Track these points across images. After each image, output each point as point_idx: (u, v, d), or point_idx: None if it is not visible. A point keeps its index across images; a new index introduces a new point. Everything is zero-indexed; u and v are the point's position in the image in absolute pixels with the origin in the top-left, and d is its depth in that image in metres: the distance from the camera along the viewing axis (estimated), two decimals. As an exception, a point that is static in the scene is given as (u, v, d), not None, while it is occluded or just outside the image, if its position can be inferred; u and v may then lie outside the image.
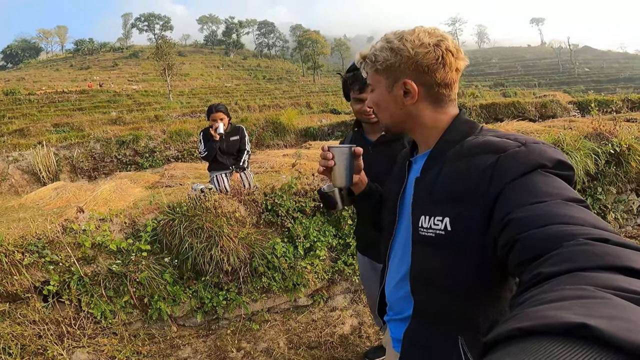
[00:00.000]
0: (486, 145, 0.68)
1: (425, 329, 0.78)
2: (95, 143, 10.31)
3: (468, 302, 0.71)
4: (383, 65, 0.77)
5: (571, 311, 0.28)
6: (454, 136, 0.76)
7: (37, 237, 2.38)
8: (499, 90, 41.70)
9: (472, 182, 0.65)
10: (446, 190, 0.70)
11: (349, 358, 2.12)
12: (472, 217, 0.64)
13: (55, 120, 19.04)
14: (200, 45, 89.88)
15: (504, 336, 0.29)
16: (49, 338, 2.08)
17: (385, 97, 0.80)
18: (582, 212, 0.51)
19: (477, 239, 0.64)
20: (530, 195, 0.56)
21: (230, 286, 2.54)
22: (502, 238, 0.56)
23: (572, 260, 0.41)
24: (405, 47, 0.74)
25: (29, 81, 39.14)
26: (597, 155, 3.29)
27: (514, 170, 0.60)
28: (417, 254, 0.77)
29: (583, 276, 0.37)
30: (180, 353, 2.26)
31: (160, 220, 2.56)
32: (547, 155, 0.61)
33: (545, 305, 0.32)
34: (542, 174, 0.59)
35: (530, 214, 0.53)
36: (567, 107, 10.62)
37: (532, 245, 0.49)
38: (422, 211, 0.74)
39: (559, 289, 0.35)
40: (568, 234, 0.46)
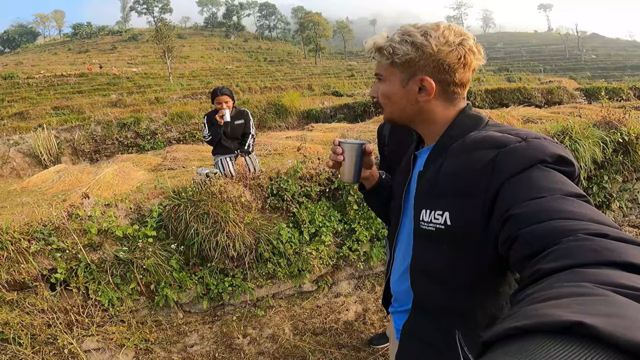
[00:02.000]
0: (487, 140, 0.67)
1: (423, 321, 0.79)
2: (96, 125, 10.24)
3: (466, 297, 0.72)
4: (402, 59, 0.74)
5: (569, 309, 0.28)
6: (457, 131, 0.76)
7: (43, 224, 2.37)
8: (503, 75, 41.13)
9: (472, 177, 0.65)
10: (447, 184, 0.70)
11: (353, 344, 2.14)
12: (472, 212, 0.64)
13: (55, 103, 18.89)
14: (201, 28, 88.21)
15: (501, 335, 0.28)
16: (59, 327, 2.09)
17: (398, 91, 0.78)
18: (581, 207, 0.51)
19: (477, 234, 0.64)
20: (530, 191, 0.56)
21: (235, 272, 2.55)
22: (503, 234, 0.56)
23: (571, 256, 0.41)
24: (429, 44, 0.72)
25: (27, 65, 38.68)
26: (605, 144, 3.26)
27: (514, 165, 0.60)
28: (417, 247, 0.77)
29: (582, 272, 0.37)
30: (187, 340, 2.29)
31: (165, 205, 2.55)
32: (548, 150, 0.61)
33: (543, 303, 0.31)
34: (542, 169, 0.59)
35: (530, 210, 0.53)
36: (574, 94, 10.47)
37: (532, 241, 0.49)
38: (424, 205, 0.74)
39: (557, 286, 0.35)
40: (567, 230, 0.46)
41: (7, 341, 2.00)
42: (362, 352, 2.08)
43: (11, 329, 2.00)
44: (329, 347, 2.14)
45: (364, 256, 2.79)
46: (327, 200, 2.80)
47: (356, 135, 6.53)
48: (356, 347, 2.12)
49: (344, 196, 2.77)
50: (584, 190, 3.35)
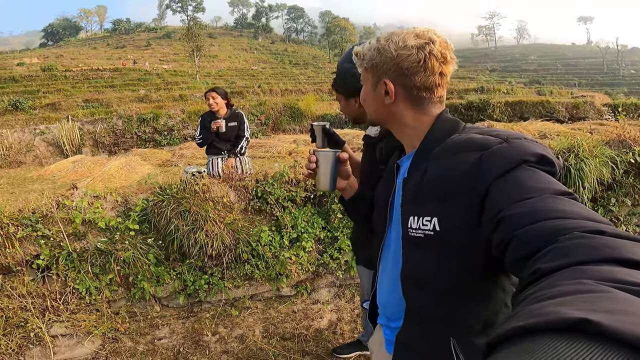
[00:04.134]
0: (468, 142, 0.68)
1: (417, 330, 0.78)
2: (117, 119, 10.66)
3: (459, 303, 0.71)
4: (369, 64, 0.79)
5: (573, 306, 0.28)
6: (437, 135, 0.75)
7: (32, 211, 2.47)
8: (534, 88, 39.78)
9: (457, 181, 0.65)
10: (432, 189, 0.70)
11: (318, 353, 2.10)
12: (461, 216, 0.64)
13: (87, 96, 19.78)
14: (230, 28, 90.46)
15: (506, 335, 0.28)
16: (32, 311, 2.16)
17: (370, 94, 0.82)
18: (573, 205, 0.51)
19: (467, 237, 0.64)
20: (519, 192, 0.56)
21: (214, 270, 2.56)
22: (497, 236, 0.56)
23: (570, 254, 0.40)
24: (388, 48, 0.74)
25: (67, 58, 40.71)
26: (615, 164, 3.06)
27: (499, 166, 0.60)
28: (407, 255, 0.76)
29: (583, 270, 0.36)
30: (157, 332, 2.31)
31: (150, 200, 2.60)
32: (530, 149, 0.61)
33: (547, 302, 0.31)
34: (527, 169, 0.59)
35: (523, 211, 0.53)
36: (601, 110, 9.96)
37: (528, 241, 0.49)
38: (411, 212, 0.74)
39: (559, 285, 0.35)
40: (563, 228, 0.46)
41: None
42: (324, 362, 2.03)
43: None
44: (293, 353, 2.11)
45: (345, 265, 2.74)
46: (313, 206, 2.77)
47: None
48: (320, 356, 2.08)
49: (328, 204, 2.74)
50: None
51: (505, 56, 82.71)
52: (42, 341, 2.11)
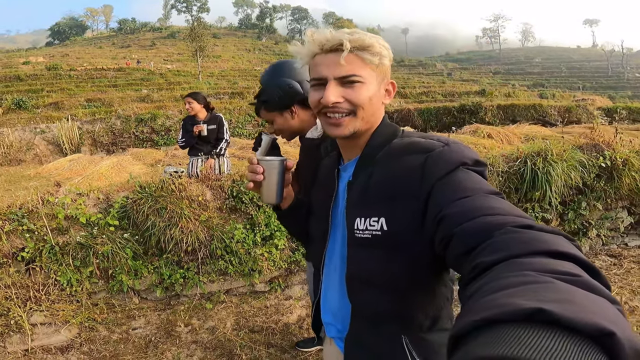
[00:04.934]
0: (414, 145, 0.71)
1: (367, 331, 0.78)
2: (116, 119, 10.85)
3: (408, 300, 0.73)
4: (380, 61, 0.74)
5: (524, 297, 0.30)
6: (379, 140, 0.77)
7: (19, 207, 2.61)
8: (536, 91, 39.59)
9: (404, 181, 0.68)
10: (379, 191, 0.72)
11: (282, 345, 2.21)
12: (407, 215, 0.67)
13: (90, 95, 19.98)
14: (234, 28, 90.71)
15: (468, 328, 0.30)
16: (15, 301, 2.29)
17: (376, 94, 0.76)
18: (502, 203, 0.57)
19: (412, 236, 0.67)
20: (457, 192, 0.60)
21: (190, 265, 2.68)
22: (438, 234, 0.59)
23: (505, 248, 0.44)
24: (388, 51, 0.76)
25: (72, 57, 40.98)
26: (584, 168, 3.14)
27: (441, 168, 0.64)
28: (353, 257, 0.77)
29: (519, 262, 0.40)
30: (133, 323, 2.43)
31: (130, 198, 2.72)
32: (467, 154, 0.67)
33: (498, 294, 0.33)
34: (464, 171, 0.64)
35: (460, 209, 0.57)
36: (595, 114, 9.99)
37: (466, 238, 0.52)
38: (357, 213, 0.75)
39: (503, 277, 0.38)
40: (496, 224, 0.50)
41: None
42: (287, 353, 2.14)
43: None
44: (259, 345, 2.21)
45: (312, 268, 2.85)
46: (288, 204, 2.88)
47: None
48: (283, 348, 2.18)
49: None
50: (559, 216, 3.25)
51: (510, 59, 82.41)
52: (21, 329, 2.24)
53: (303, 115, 1.45)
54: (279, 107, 1.40)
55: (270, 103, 1.40)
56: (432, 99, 20.75)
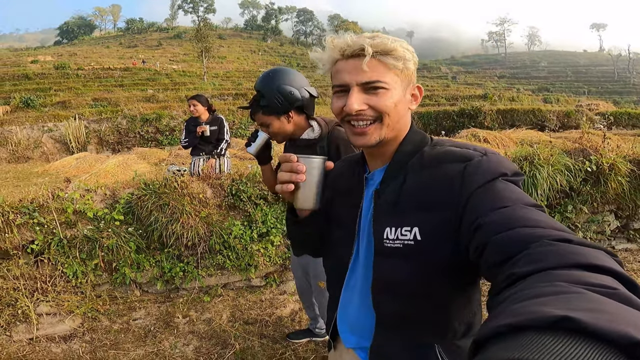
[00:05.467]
0: (450, 154, 0.70)
1: (394, 341, 0.76)
2: (122, 119, 11.07)
3: (443, 308, 0.72)
4: (407, 66, 0.72)
5: (553, 306, 0.30)
6: (410, 147, 0.76)
7: (30, 201, 2.76)
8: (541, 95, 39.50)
9: (441, 190, 0.67)
10: (413, 200, 0.70)
11: (274, 336, 2.34)
12: (443, 224, 0.66)
13: (97, 95, 20.27)
14: (240, 30, 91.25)
15: (493, 333, 0.30)
16: (22, 292, 2.44)
17: (402, 99, 0.74)
18: (541, 216, 0.56)
19: (447, 245, 0.66)
20: (496, 201, 0.60)
21: (189, 259, 2.82)
22: (474, 242, 0.59)
23: (541, 260, 0.44)
24: (413, 54, 0.74)
25: (80, 57, 41.41)
26: (571, 172, 3.25)
27: (481, 177, 0.64)
28: (381, 267, 0.74)
29: (554, 274, 0.39)
30: (133, 314, 2.58)
31: (135, 194, 2.87)
32: (506, 164, 0.67)
33: (527, 302, 0.33)
34: (503, 182, 0.64)
35: (498, 218, 0.57)
36: (593, 119, 10.04)
37: (502, 247, 0.52)
38: (387, 223, 0.72)
39: (535, 286, 0.37)
40: (534, 236, 0.50)
41: None
42: (278, 344, 2.26)
43: None
44: (252, 336, 2.35)
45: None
46: (284, 204, 3.02)
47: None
48: (275, 339, 2.31)
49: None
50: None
51: (515, 62, 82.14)
52: (28, 318, 2.38)
53: (297, 120, 1.56)
54: (278, 111, 1.50)
55: (271, 108, 1.48)
56: (435, 103, 20.83)
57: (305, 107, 1.55)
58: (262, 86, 1.49)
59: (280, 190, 0.76)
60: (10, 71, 25.81)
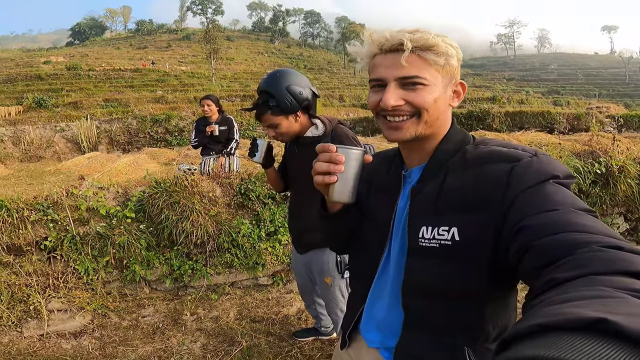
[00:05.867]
0: (496, 154, 0.67)
1: (422, 342, 0.74)
2: (132, 119, 11.25)
3: (476, 311, 0.70)
4: (449, 62, 0.70)
5: (590, 308, 0.29)
6: (451, 146, 0.74)
7: (45, 198, 2.83)
8: (551, 98, 39.10)
9: (485, 191, 0.65)
10: (454, 199, 0.68)
11: (281, 335, 2.36)
12: (484, 225, 0.64)
13: (107, 95, 20.60)
14: (248, 31, 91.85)
15: (524, 332, 0.29)
16: (35, 288, 2.49)
17: (442, 96, 0.71)
18: (593, 221, 0.52)
19: (487, 247, 0.64)
20: (544, 204, 0.57)
21: (198, 258, 2.86)
22: (515, 244, 0.57)
23: (586, 265, 0.42)
24: (457, 48, 0.71)
25: (91, 57, 42.03)
26: (580, 174, 3.23)
27: (529, 179, 0.61)
28: (414, 266, 0.73)
29: (598, 279, 0.37)
30: (142, 311, 2.62)
31: (146, 192, 2.92)
32: (559, 167, 0.63)
33: (564, 304, 0.32)
34: (554, 184, 0.60)
35: (545, 221, 0.54)
36: (604, 121, 9.92)
37: (546, 251, 0.50)
38: (424, 222, 0.71)
39: (575, 290, 0.36)
40: (582, 242, 0.47)
41: None
42: (284, 342, 2.29)
43: None
44: (259, 334, 2.37)
45: (291, 260, 3.01)
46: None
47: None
48: (281, 337, 2.33)
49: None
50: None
51: (525, 65, 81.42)
52: (39, 314, 2.43)
53: (303, 119, 1.60)
54: (288, 111, 1.52)
55: (281, 108, 1.51)
56: (443, 105, 20.69)
57: (310, 107, 1.60)
58: (271, 86, 1.51)
59: (319, 182, 0.74)
60: (23, 71, 26.33)
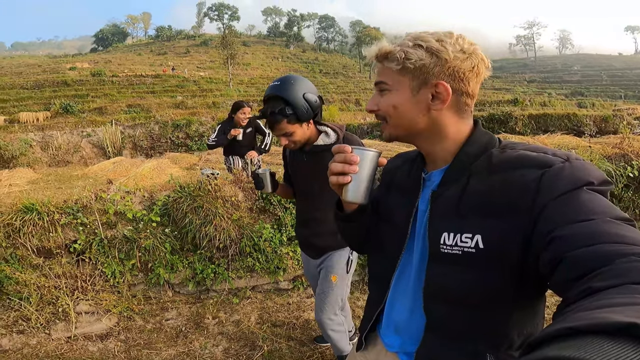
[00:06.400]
0: (525, 159, 0.65)
1: (444, 347, 0.73)
2: (154, 125, 11.56)
3: (501, 319, 0.68)
4: (415, 65, 0.69)
5: (623, 314, 0.28)
6: (475, 148, 0.72)
7: (75, 202, 2.92)
8: (575, 100, 37.90)
9: (513, 197, 0.62)
10: (477, 205, 0.66)
11: (302, 339, 2.35)
12: (511, 232, 0.62)
13: (130, 101, 21.20)
14: (263, 36, 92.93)
15: (552, 335, 0.28)
16: (63, 290, 2.56)
17: (408, 101, 0.72)
18: (632, 232, 0.50)
19: (514, 255, 0.62)
20: (577, 213, 0.55)
21: (220, 261, 2.89)
22: (547, 254, 0.55)
23: (623, 275, 0.40)
24: (445, 49, 0.69)
25: (114, 64, 43.37)
26: (612, 178, 3.12)
27: (561, 186, 0.58)
28: (435, 272, 0.72)
29: (634, 288, 0.36)
30: (166, 314, 2.66)
31: (171, 197, 2.99)
32: (593, 172, 0.60)
33: (596, 310, 0.32)
34: (588, 191, 0.58)
35: (579, 232, 0.52)
36: (632, 123, 9.53)
37: (581, 263, 0.48)
38: (445, 227, 0.70)
39: (609, 297, 0.35)
40: (620, 253, 0.45)
41: (21, 298, 2.49)
42: (305, 347, 2.28)
43: (26, 287, 2.50)
44: (280, 338, 2.37)
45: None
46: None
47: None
48: (302, 342, 2.33)
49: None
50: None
51: (546, 66, 79.33)
52: (67, 317, 2.50)
53: (312, 126, 1.59)
54: (304, 119, 1.49)
55: (298, 116, 1.47)
56: (461, 108, 20.38)
57: (319, 113, 1.58)
58: (288, 94, 1.45)
59: (334, 182, 0.76)
60: (50, 78, 27.39)
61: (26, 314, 2.47)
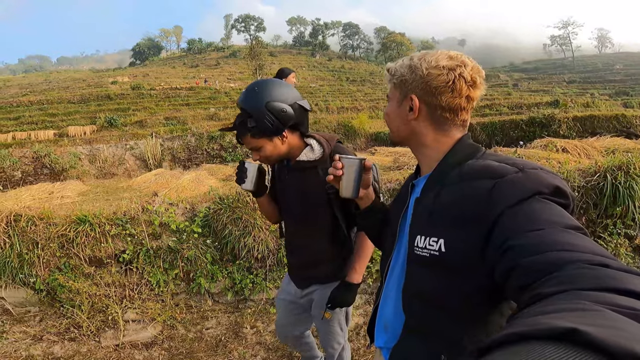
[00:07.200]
0: (484, 169, 0.69)
1: (413, 344, 0.80)
2: (191, 137, 12.06)
3: (456, 323, 0.72)
4: (398, 80, 0.81)
5: (564, 319, 0.29)
6: (454, 159, 0.77)
7: (123, 213, 3.10)
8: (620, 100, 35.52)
9: (469, 207, 0.66)
10: (443, 212, 0.72)
11: (339, 350, 2.35)
12: (467, 241, 0.65)
13: (167, 114, 22.16)
14: (289, 46, 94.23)
15: (499, 341, 0.30)
16: (113, 298, 2.71)
17: (394, 110, 0.85)
18: (581, 240, 0.52)
19: (471, 262, 0.65)
20: (529, 223, 0.56)
21: (258, 272, 2.96)
22: (501, 264, 0.57)
23: (571, 282, 0.42)
24: (420, 66, 0.77)
25: (152, 77, 45.41)
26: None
27: (511, 196, 0.61)
28: (411, 272, 0.79)
29: (580, 294, 0.38)
30: (206, 323, 2.75)
31: (211, 208, 3.10)
32: (545, 181, 0.62)
33: (541, 316, 0.33)
34: (540, 200, 0.59)
35: (530, 242, 0.53)
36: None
37: (532, 270, 0.49)
38: (419, 231, 0.76)
39: (555, 303, 0.36)
40: (569, 260, 0.47)
41: (73, 306, 2.65)
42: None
43: (78, 295, 2.67)
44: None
45: (375, 273, 2.97)
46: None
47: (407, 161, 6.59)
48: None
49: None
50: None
51: (586, 66, 75.04)
52: (116, 324, 2.64)
53: (292, 140, 1.35)
54: (270, 133, 1.27)
55: (261, 129, 1.26)
56: (497, 112, 19.74)
57: (300, 124, 1.34)
58: (248, 104, 1.26)
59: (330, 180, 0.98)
60: (94, 92, 29.06)
61: (78, 321, 2.63)
